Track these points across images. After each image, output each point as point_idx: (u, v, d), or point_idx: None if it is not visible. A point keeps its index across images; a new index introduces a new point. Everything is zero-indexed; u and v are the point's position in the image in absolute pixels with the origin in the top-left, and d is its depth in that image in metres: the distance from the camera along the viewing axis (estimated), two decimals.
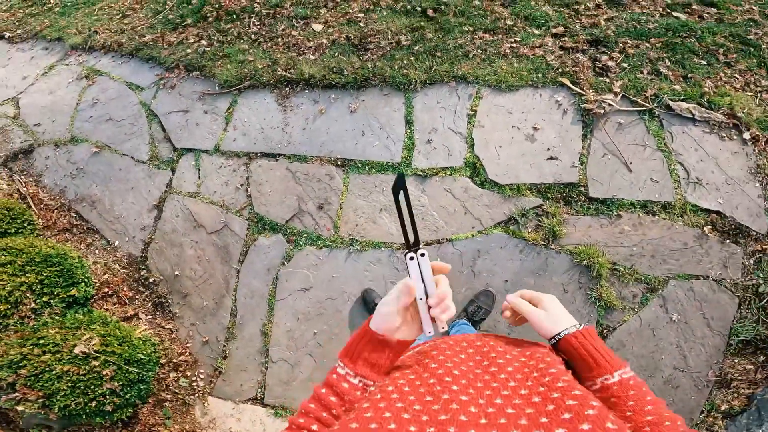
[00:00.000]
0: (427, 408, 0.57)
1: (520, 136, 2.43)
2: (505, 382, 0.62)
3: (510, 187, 2.32)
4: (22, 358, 1.97)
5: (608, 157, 2.28)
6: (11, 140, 3.16)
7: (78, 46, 3.56)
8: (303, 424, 0.66)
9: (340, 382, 0.70)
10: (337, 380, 0.70)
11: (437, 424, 0.53)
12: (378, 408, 0.57)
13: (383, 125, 2.59)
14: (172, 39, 3.24)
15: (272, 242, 2.45)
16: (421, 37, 2.80)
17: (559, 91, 2.50)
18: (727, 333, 1.98)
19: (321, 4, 3.15)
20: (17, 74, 3.53)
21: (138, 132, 2.94)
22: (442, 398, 0.59)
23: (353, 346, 0.73)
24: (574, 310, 2.04)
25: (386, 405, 0.58)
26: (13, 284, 2.13)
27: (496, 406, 0.56)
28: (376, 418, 0.55)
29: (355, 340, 0.73)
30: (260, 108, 2.82)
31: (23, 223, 2.57)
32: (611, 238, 2.14)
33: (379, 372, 0.72)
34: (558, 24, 2.72)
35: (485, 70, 2.63)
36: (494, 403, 0.56)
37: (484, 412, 0.55)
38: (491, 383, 0.62)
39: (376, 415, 0.55)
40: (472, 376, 0.65)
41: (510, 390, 0.59)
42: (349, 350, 0.73)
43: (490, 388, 0.61)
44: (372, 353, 0.71)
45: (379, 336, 0.71)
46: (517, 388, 0.60)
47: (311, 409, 0.68)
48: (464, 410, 0.55)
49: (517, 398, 0.57)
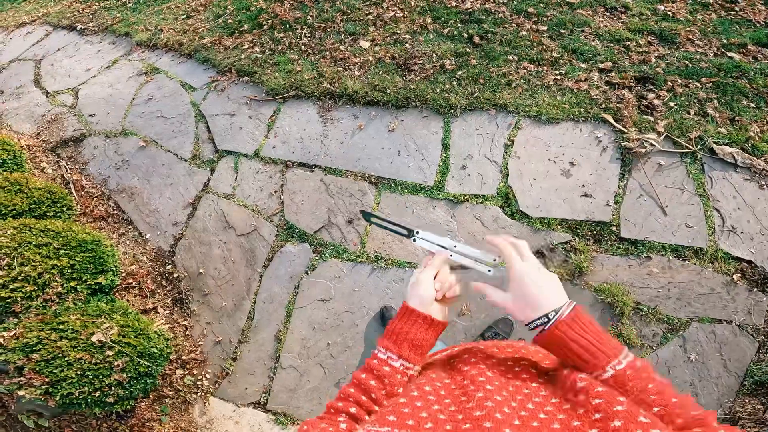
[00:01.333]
0: (462, 407, 0.58)
1: (555, 170, 2.39)
2: (537, 391, 0.62)
3: (541, 221, 2.29)
4: (38, 342, 1.95)
5: (644, 198, 2.23)
6: (64, 128, 3.35)
7: (143, 42, 3.76)
8: (341, 408, 0.67)
9: (382, 366, 0.70)
10: (378, 364, 0.71)
11: (472, 420, 0.54)
12: (416, 406, 0.58)
13: (419, 147, 2.61)
14: (228, 43, 3.40)
15: (298, 250, 2.49)
16: (466, 62, 2.82)
17: (600, 127, 2.45)
18: (742, 374, 1.92)
19: (370, 23, 3.23)
20: (82, 65, 3.77)
21: (185, 131, 3.07)
22: (476, 396, 0.59)
23: (396, 329, 0.73)
24: None
25: (423, 404, 0.58)
26: (45, 266, 2.14)
27: (528, 411, 0.56)
28: (413, 415, 0.56)
29: (397, 323, 0.74)
30: (302, 118, 2.89)
31: (62, 208, 2.63)
32: (638, 278, 2.09)
33: (421, 354, 0.73)
34: (606, 59, 2.68)
35: (527, 100, 2.61)
36: (526, 408, 0.57)
37: (517, 414, 0.55)
38: (522, 389, 0.62)
39: (413, 412, 0.56)
40: (504, 380, 0.65)
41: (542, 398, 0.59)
42: (392, 333, 0.73)
43: (522, 393, 0.61)
44: (417, 333, 0.72)
45: (422, 313, 0.73)
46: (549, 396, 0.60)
47: (350, 393, 0.68)
48: (499, 409, 0.55)
49: (549, 405, 0.57)
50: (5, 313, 2.14)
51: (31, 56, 4.08)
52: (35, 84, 3.78)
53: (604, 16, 2.91)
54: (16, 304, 2.09)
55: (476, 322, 2.17)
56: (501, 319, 2.14)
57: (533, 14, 2.97)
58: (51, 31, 4.37)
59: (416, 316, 0.73)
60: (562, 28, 2.86)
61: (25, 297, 2.10)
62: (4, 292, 2.06)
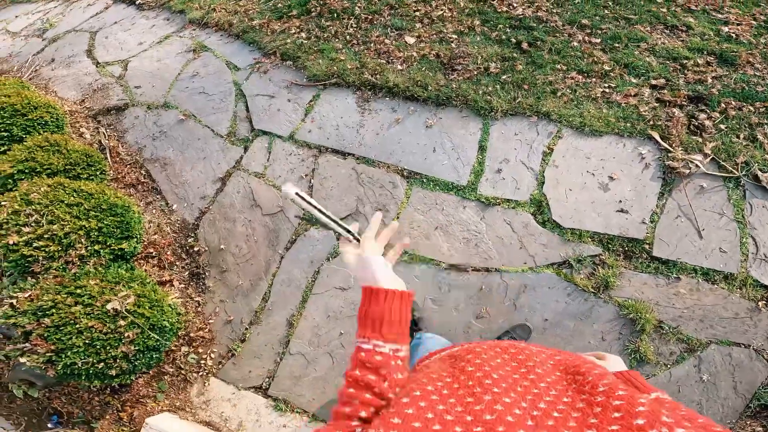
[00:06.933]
0: (470, 408, 0.55)
1: (593, 183, 2.32)
2: (546, 390, 0.59)
3: (572, 232, 2.22)
4: (52, 306, 1.87)
5: (681, 219, 2.16)
6: (109, 97, 3.45)
7: (195, 20, 3.85)
8: (350, 413, 0.63)
9: (373, 357, 0.67)
10: (367, 357, 0.68)
11: (483, 424, 0.51)
12: (420, 407, 0.54)
13: (455, 146, 2.55)
14: (275, 27, 3.44)
15: (322, 236, 2.45)
16: (511, 67, 2.77)
17: (645, 144, 2.37)
18: (750, 396, 1.89)
19: (417, 19, 3.22)
20: (135, 39, 3.89)
21: (224, 108, 3.11)
22: (485, 399, 0.56)
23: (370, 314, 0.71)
24: None
25: (427, 405, 0.55)
26: (72, 226, 2.11)
27: (540, 410, 0.54)
28: (419, 417, 0.53)
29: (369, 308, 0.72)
30: (340, 106, 2.89)
31: (96, 171, 2.66)
32: (664, 297, 2.04)
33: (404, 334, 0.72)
34: (660, 76, 2.58)
35: (571, 110, 2.53)
36: (538, 407, 0.54)
37: (529, 414, 0.53)
38: (531, 389, 0.59)
39: (418, 413, 0.53)
40: (511, 380, 0.62)
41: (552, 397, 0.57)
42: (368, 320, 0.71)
43: (531, 393, 0.58)
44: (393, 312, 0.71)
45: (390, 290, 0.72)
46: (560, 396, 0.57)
47: (353, 395, 0.64)
48: (510, 411, 0.53)
49: (560, 404, 0.55)
50: (24, 272, 2.10)
51: (87, 28, 4.24)
52: (87, 54, 3.92)
53: (662, 34, 2.80)
54: (37, 264, 2.05)
55: (493, 326, 2.11)
56: (519, 324, 2.09)
57: (587, 26, 2.89)
58: (111, 4, 4.53)
59: (384, 294, 0.72)
60: (616, 41, 2.77)
61: (47, 257, 2.06)
62: (27, 249, 2.03)
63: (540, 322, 2.09)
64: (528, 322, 2.10)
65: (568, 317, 2.07)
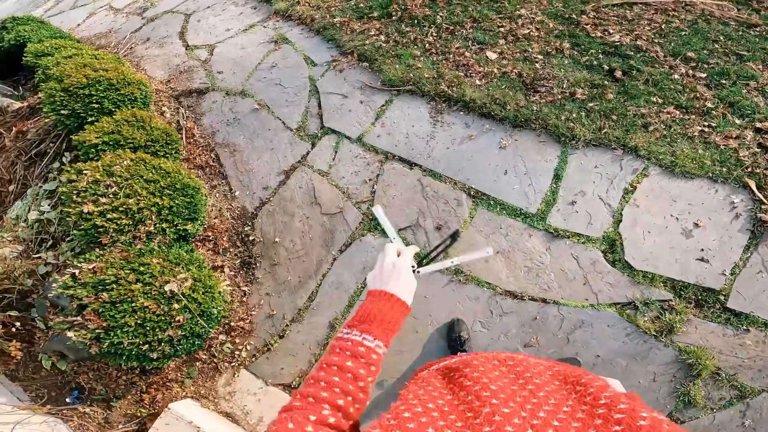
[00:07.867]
0: (469, 423, 0.55)
1: (675, 228, 2.14)
2: (546, 400, 0.59)
3: (644, 274, 2.08)
4: (114, 281, 1.84)
5: (763, 275, 1.99)
6: (192, 80, 3.60)
7: (280, 11, 3.94)
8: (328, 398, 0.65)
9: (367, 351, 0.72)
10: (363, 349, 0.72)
11: None
12: (421, 423, 0.55)
13: (529, 171, 2.42)
14: (355, 27, 3.45)
15: (378, 243, 2.41)
16: (600, 95, 2.59)
17: (738, 192, 2.16)
18: None
19: (501, 35, 3.11)
20: (224, 25, 4.05)
21: (297, 102, 3.15)
22: (483, 412, 0.56)
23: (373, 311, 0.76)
24: (653, 398, 1.90)
25: (428, 420, 0.55)
26: (147, 203, 2.13)
27: (540, 419, 0.54)
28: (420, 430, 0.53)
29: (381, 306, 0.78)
30: (412, 114, 2.83)
31: (172, 150, 2.73)
32: (728, 347, 1.93)
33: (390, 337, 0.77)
34: (766, 119, 2.32)
35: (662, 148, 2.33)
36: (538, 416, 0.55)
37: (529, 423, 0.53)
38: (530, 398, 0.60)
39: (419, 428, 0.53)
40: (510, 391, 0.63)
41: (552, 406, 0.57)
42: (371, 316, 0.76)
43: (530, 403, 0.58)
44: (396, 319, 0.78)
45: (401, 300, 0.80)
46: (559, 405, 0.57)
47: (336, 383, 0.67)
48: (509, 421, 0.53)
49: (560, 413, 0.55)
50: (91, 242, 2.11)
51: (183, 9, 4.47)
52: (179, 36, 4.13)
53: None
54: (106, 235, 2.06)
55: (541, 355, 2.00)
56: (570, 358, 1.99)
57: (692, 59, 2.66)
58: None
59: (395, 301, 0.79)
60: (723, 77, 2.52)
61: (117, 230, 2.07)
62: (100, 220, 2.05)
63: (591, 357, 1.99)
64: (579, 356, 2.00)
65: (622, 356, 1.98)
